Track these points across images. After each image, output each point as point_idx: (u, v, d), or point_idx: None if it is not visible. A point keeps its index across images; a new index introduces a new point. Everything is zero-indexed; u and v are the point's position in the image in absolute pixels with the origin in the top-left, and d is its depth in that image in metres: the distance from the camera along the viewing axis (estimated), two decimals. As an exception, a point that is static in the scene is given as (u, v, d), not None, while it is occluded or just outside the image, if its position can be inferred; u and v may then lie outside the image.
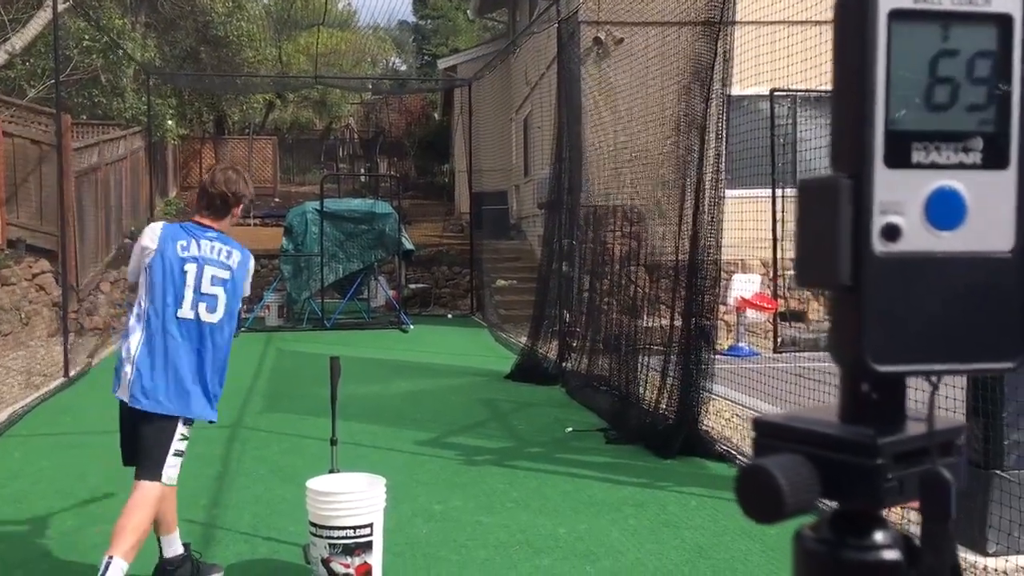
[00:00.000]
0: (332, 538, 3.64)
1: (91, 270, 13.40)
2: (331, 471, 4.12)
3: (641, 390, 6.85)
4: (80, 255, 12.60)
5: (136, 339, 3.67)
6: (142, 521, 3.54)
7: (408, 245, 14.85)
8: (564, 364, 8.83)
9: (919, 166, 0.71)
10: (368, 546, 3.66)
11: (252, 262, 3.92)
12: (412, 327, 13.55)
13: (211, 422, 3.85)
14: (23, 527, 4.68)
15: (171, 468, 3.65)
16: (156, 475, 3.61)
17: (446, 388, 8.81)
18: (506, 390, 8.64)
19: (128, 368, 3.64)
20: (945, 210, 0.71)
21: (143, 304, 3.73)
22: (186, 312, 3.70)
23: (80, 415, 7.44)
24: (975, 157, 0.72)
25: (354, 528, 3.64)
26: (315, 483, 3.79)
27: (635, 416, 6.65)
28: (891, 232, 0.70)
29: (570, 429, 6.81)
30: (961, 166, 0.72)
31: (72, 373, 9.18)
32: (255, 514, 4.84)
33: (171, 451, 3.64)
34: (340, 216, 14.08)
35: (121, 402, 3.70)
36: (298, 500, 3.98)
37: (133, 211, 16.80)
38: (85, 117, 16.61)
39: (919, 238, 0.71)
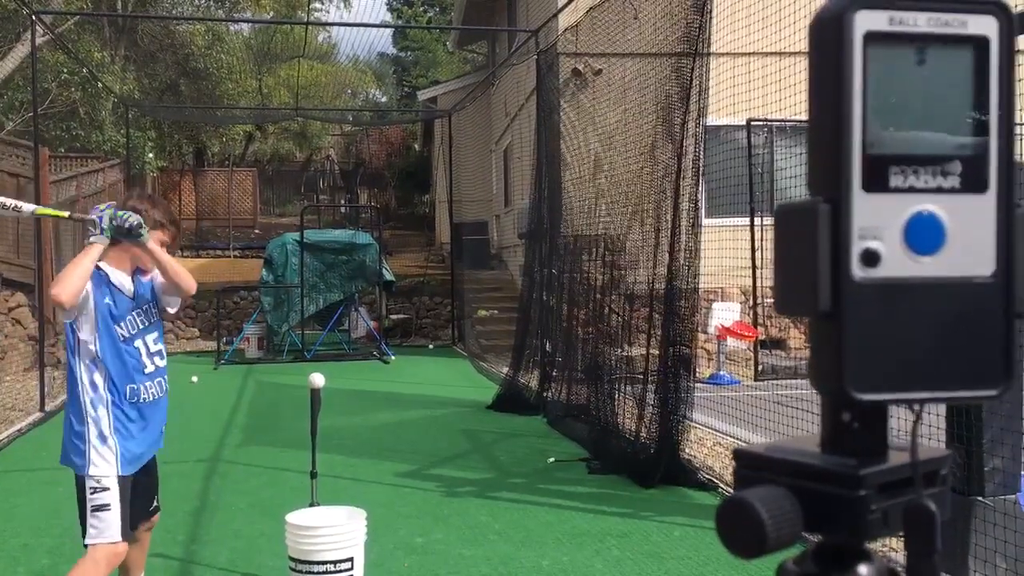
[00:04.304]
0: (312, 573, 3.59)
1: (68, 303, 13.26)
2: (311, 505, 4.07)
3: (622, 419, 6.83)
4: (57, 288, 12.47)
5: None
6: None
7: (388, 276, 14.82)
8: (545, 394, 8.79)
9: (897, 190, 0.70)
10: (348, 581, 3.61)
11: None
12: (393, 358, 13.49)
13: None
14: (-5, 566, 4.59)
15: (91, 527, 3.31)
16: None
17: (427, 419, 8.75)
18: (488, 420, 8.59)
19: None
20: (924, 235, 0.70)
21: None
22: None
23: (56, 451, 7.30)
24: (954, 181, 0.71)
25: (334, 563, 3.59)
26: (295, 517, 3.73)
27: (616, 445, 6.62)
28: (870, 258, 0.69)
29: (552, 460, 6.77)
30: (940, 190, 0.71)
31: (48, 408, 9.05)
32: (234, 549, 4.76)
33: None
34: (320, 247, 14.04)
35: None
36: (278, 534, 3.92)
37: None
38: (63, 150, 16.55)
39: (898, 263, 0.70)
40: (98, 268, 3.30)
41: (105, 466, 3.29)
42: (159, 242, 3.42)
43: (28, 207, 3.50)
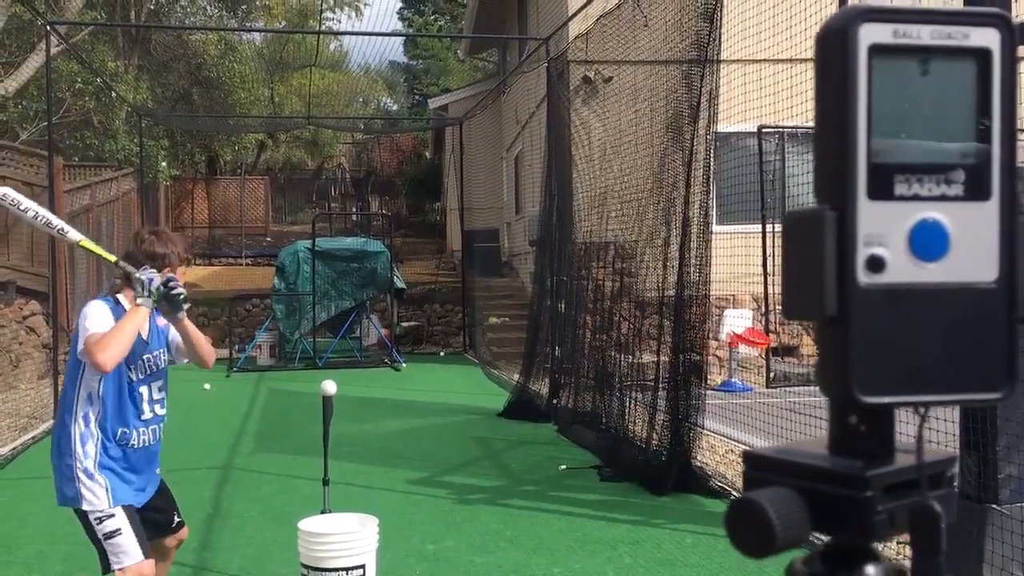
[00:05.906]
0: (324, 580, 3.59)
1: (82, 311, 13.34)
2: (323, 512, 4.08)
3: (633, 426, 6.83)
4: (71, 297, 12.56)
5: None
6: None
7: (400, 284, 14.85)
8: (556, 401, 8.80)
9: (902, 198, 0.72)
10: (360, 587, 3.62)
11: (84, 310, 3.28)
12: (404, 365, 13.51)
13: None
14: (10, 572, 4.61)
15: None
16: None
17: (439, 426, 8.76)
18: (499, 428, 8.60)
19: None
20: (928, 242, 0.72)
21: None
22: None
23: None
24: (957, 189, 0.72)
25: (346, 570, 3.60)
26: (307, 524, 3.75)
27: (628, 453, 6.62)
28: (875, 264, 0.71)
29: (564, 467, 6.77)
30: (944, 198, 0.72)
31: (62, 415, 9.10)
32: (246, 556, 4.79)
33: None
34: (332, 255, 14.09)
35: None
36: (290, 541, 3.94)
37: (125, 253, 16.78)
38: (77, 159, 16.66)
39: (903, 270, 0.71)
40: (123, 307, 3.29)
41: (96, 501, 3.22)
42: (181, 276, 3.41)
43: (75, 235, 3.39)
